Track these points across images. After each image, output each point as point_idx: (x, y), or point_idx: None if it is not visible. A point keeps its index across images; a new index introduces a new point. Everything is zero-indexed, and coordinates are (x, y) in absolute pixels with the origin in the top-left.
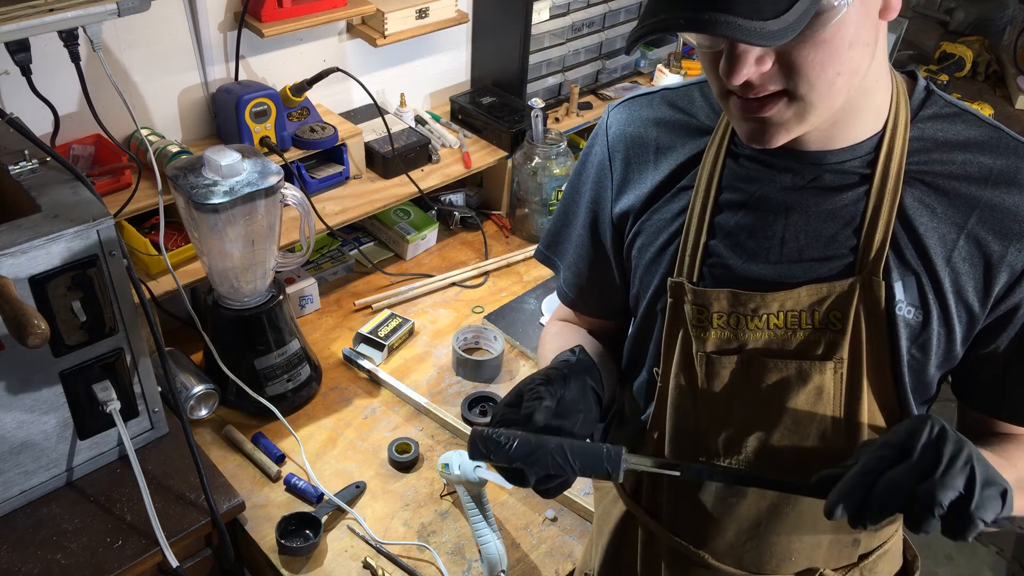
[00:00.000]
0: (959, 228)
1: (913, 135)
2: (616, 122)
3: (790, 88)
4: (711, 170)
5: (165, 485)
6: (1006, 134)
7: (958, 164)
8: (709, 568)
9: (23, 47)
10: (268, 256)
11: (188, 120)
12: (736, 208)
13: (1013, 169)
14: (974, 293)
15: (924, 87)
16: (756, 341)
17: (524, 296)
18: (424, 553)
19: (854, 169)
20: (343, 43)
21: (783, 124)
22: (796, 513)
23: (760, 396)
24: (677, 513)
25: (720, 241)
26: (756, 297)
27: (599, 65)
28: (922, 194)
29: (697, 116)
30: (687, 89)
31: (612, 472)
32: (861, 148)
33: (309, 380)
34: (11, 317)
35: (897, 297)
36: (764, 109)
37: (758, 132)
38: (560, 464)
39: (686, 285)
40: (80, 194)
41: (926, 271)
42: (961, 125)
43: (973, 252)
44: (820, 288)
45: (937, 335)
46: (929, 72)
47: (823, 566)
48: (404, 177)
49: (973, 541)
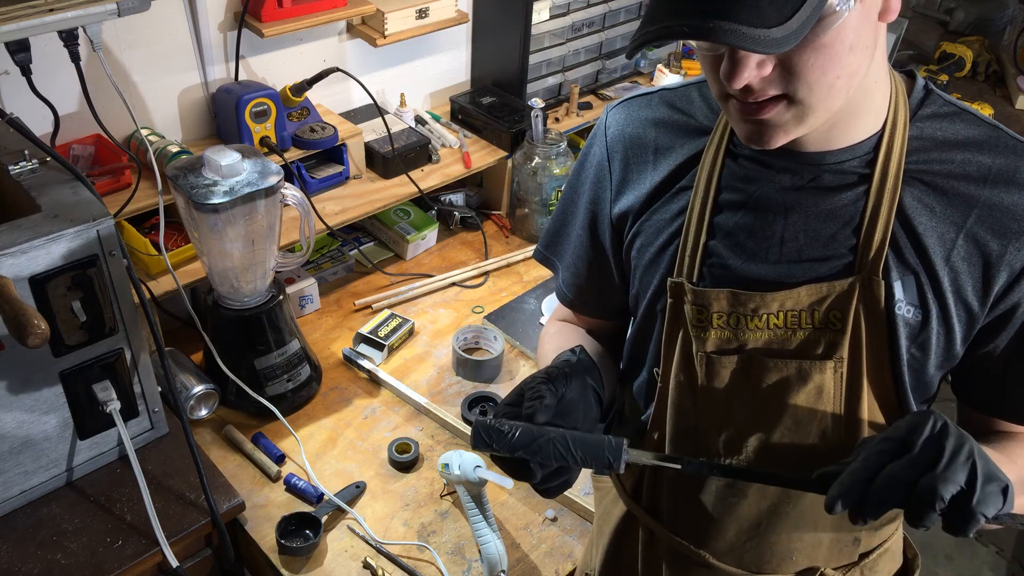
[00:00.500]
0: (958, 227)
1: (912, 134)
2: (615, 122)
3: (789, 92)
4: (710, 170)
5: (165, 485)
6: (1005, 133)
7: (957, 163)
8: (710, 568)
9: (23, 47)
10: (268, 256)
11: (188, 120)
12: (735, 208)
13: (1012, 168)
14: (973, 292)
15: (923, 86)
16: (756, 341)
17: (524, 296)
18: (424, 553)
19: (853, 169)
20: (343, 43)
21: (782, 126)
22: (796, 512)
23: (760, 396)
24: (677, 513)
25: (720, 241)
26: (756, 297)
27: (599, 65)
28: (921, 193)
29: (696, 116)
30: (686, 89)
31: (614, 463)
32: (860, 148)
33: (309, 380)
34: (11, 317)
35: (896, 296)
36: (763, 112)
37: (757, 134)
38: (562, 454)
39: (686, 285)
40: (80, 194)
41: (925, 270)
42: (960, 124)
43: (972, 251)
44: (820, 288)
45: (936, 334)
46: (929, 72)
47: (824, 565)
48: (404, 177)
49: (973, 541)
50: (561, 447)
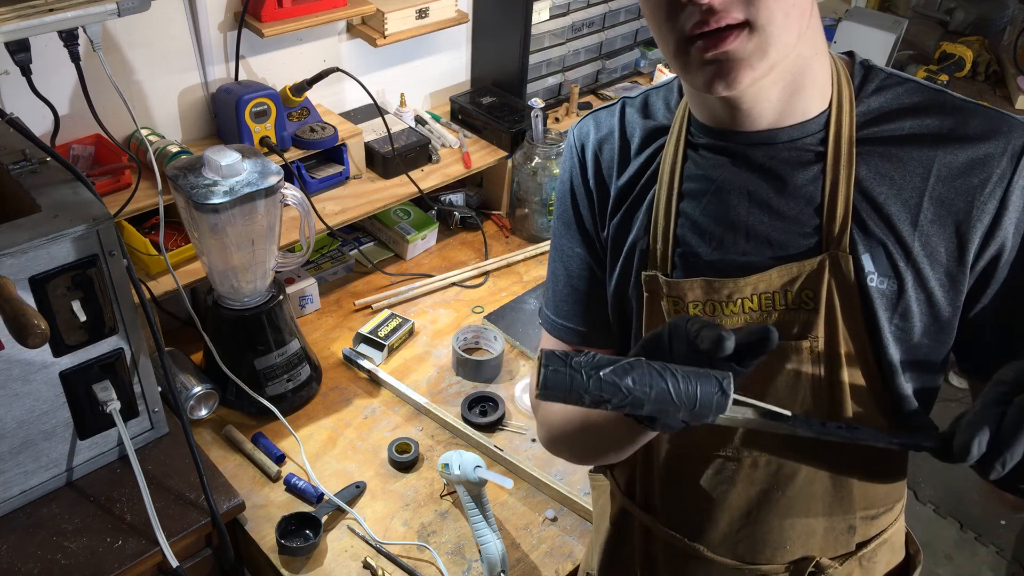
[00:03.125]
0: (920, 192)
1: (860, 110)
2: (581, 136)
3: (751, 17)
4: (672, 163)
5: (165, 485)
6: (949, 95)
7: (907, 129)
8: (705, 561)
9: (23, 47)
10: (268, 256)
11: (188, 120)
12: (700, 196)
13: (960, 123)
14: (947, 254)
15: (860, 63)
16: (733, 326)
17: (524, 296)
18: (424, 553)
19: (807, 147)
20: (343, 43)
21: (746, 59)
22: (786, 499)
23: (742, 381)
24: (670, 506)
25: (688, 231)
26: (729, 283)
27: (599, 65)
28: (877, 164)
29: (655, 117)
30: (645, 95)
31: (726, 392)
32: (811, 126)
33: (309, 380)
34: (11, 317)
35: (866, 269)
36: (726, 42)
37: (721, 72)
38: (660, 377)
39: (660, 278)
40: (80, 194)
41: (894, 239)
42: (903, 92)
43: (940, 213)
44: (790, 268)
45: (917, 301)
46: (929, 72)
47: (819, 554)
48: (404, 177)
49: (973, 540)
50: (659, 370)
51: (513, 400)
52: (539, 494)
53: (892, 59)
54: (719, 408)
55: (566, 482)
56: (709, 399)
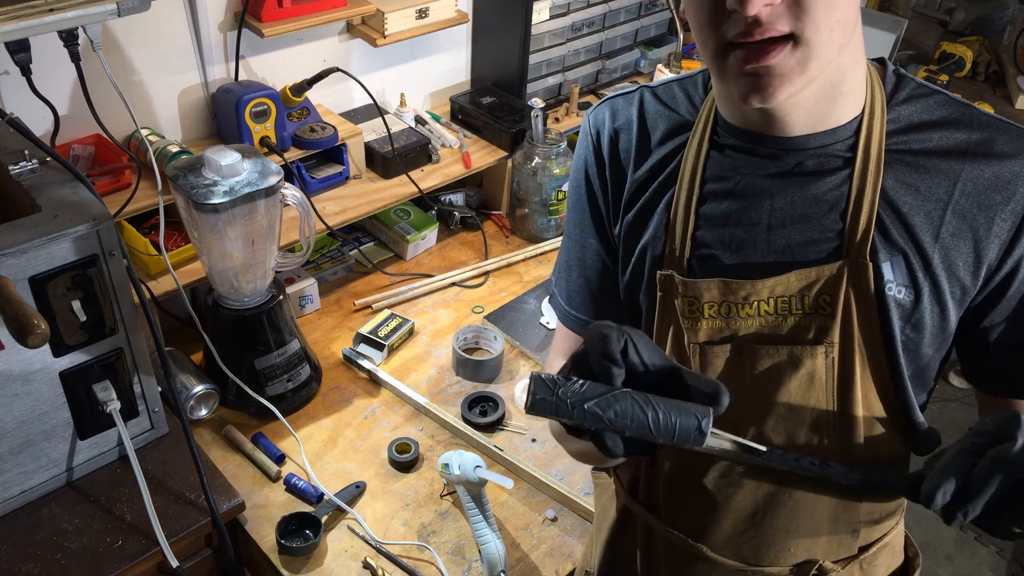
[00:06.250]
0: (944, 204)
1: (890, 117)
2: (598, 121)
3: (796, 30)
4: (695, 161)
5: (165, 485)
6: (977, 111)
7: (935, 141)
8: (708, 561)
9: (23, 47)
10: (268, 256)
11: (188, 120)
12: (722, 198)
13: (988, 140)
14: (965, 268)
15: (894, 71)
16: (747, 328)
17: (524, 296)
18: (424, 553)
19: (836, 153)
20: (343, 43)
21: (786, 75)
22: (792, 502)
23: (753, 383)
24: (674, 506)
25: (707, 232)
26: (747, 285)
27: (599, 65)
28: (904, 174)
29: (679, 110)
30: (667, 86)
31: (704, 425)
32: (842, 132)
33: (309, 380)
34: (11, 317)
35: (886, 278)
36: (768, 56)
37: (759, 86)
38: (641, 411)
39: (676, 278)
40: (80, 194)
41: (915, 249)
42: (934, 104)
43: (961, 227)
44: (809, 272)
45: (930, 313)
46: (929, 72)
47: (822, 558)
48: (404, 177)
49: (973, 540)
50: (641, 401)
51: (513, 400)
52: (539, 494)
53: (892, 59)
54: (696, 443)
55: (566, 482)
56: (687, 434)
